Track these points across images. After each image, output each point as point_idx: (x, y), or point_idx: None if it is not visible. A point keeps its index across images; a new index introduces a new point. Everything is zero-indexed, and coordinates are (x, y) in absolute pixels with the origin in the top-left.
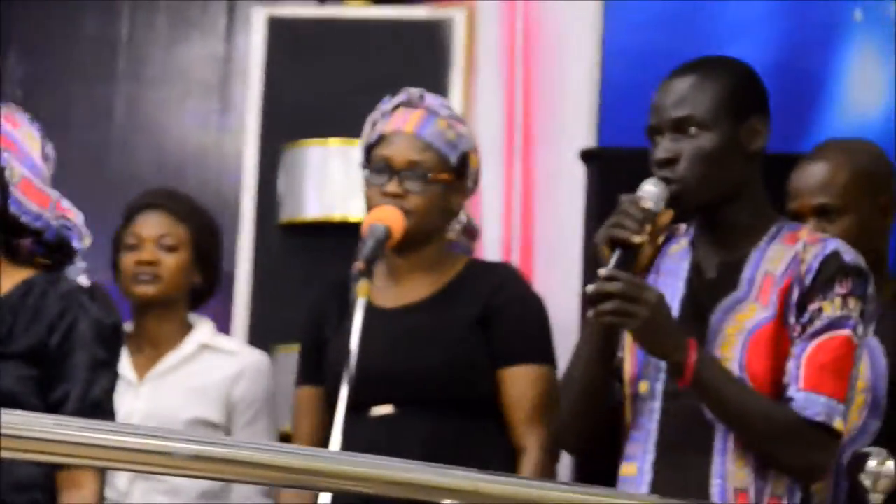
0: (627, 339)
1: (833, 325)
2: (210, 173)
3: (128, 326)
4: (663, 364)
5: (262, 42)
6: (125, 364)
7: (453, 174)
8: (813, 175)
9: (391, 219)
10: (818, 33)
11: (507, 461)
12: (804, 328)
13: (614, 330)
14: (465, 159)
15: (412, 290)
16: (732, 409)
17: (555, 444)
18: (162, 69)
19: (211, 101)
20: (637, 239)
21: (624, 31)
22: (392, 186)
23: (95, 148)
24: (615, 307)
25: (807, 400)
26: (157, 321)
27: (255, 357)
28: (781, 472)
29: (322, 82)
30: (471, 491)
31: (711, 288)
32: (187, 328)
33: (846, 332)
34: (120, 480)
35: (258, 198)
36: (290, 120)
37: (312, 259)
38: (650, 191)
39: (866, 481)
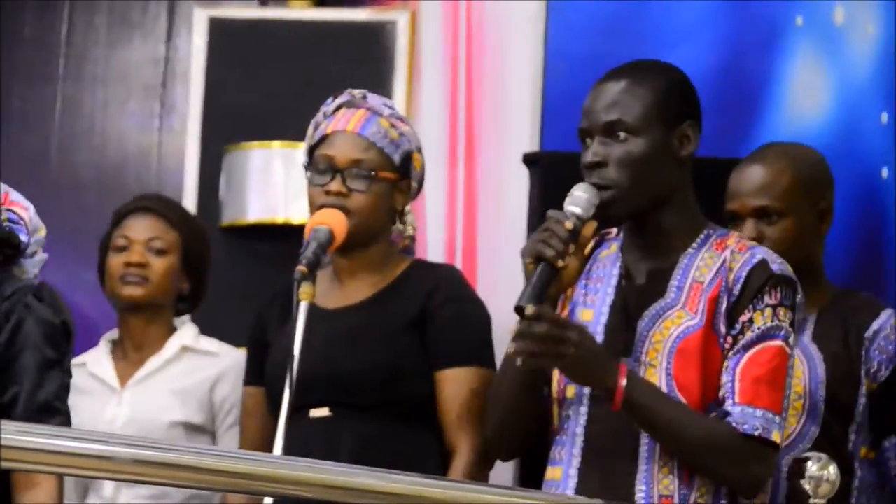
0: None
1: (765, 336)
2: (151, 175)
3: (114, 333)
4: None
5: (204, 44)
6: (108, 370)
7: (397, 173)
8: (753, 177)
9: (334, 221)
10: (760, 37)
11: (441, 465)
12: (736, 340)
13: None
14: (408, 159)
15: (354, 290)
16: (666, 428)
17: (486, 451)
18: (102, 70)
19: (152, 103)
20: (561, 263)
21: (567, 33)
22: (335, 185)
23: (35, 149)
24: (540, 350)
25: (743, 414)
26: (142, 325)
27: (236, 358)
28: (712, 482)
29: (264, 84)
30: (413, 495)
31: (640, 294)
32: (172, 333)
33: (778, 342)
34: (106, 487)
35: (200, 200)
36: (232, 122)
37: (254, 262)
38: (580, 197)
39: (807, 486)
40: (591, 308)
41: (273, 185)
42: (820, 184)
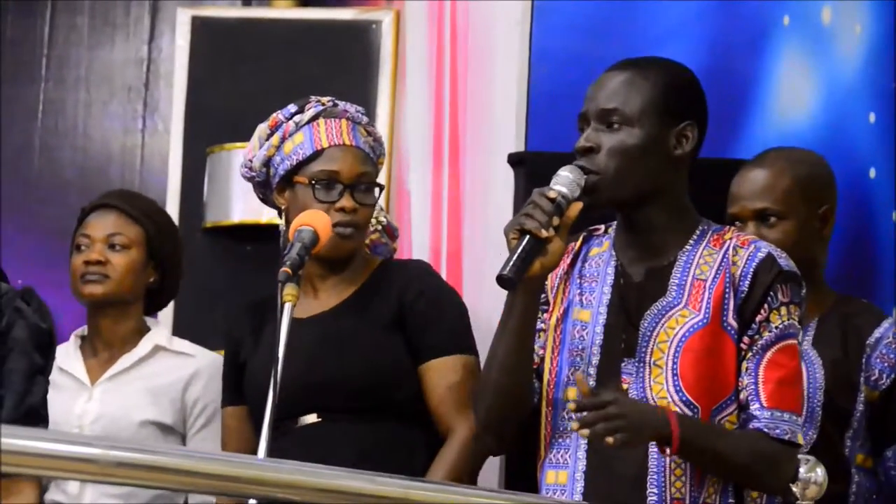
0: (549, 340)
1: (783, 335)
2: (134, 176)
3: (84, 329)
4: (592, 370)
5: (186, 44)
6: (78, 366)
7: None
8: (755, 180)
9: (318, 222)
10: (747, 37)
11: (431, 458)
12: (753, 340)
13: (530, 330)
14: (379, 163)
15: (329, 296)
16: (716, 460)
17: (476, 444)
18: (85, 71)
19: (135, 104)
20: (544, 233)
21: (553, 34)
22: (347, 202)
23: (18, 150)
24: (606, 430)
25: (773, 419)
26: (111, 322)
27: (211, 358)
28: (720, 481)
29: (248, 85)
30: (400, 498)
31: (640, 294)
32: (144, 330)
33: (793, 341)
34: (71, 484)
35: (183, 201)
36: (216, 123)
37: (237, 263)
38: (565, 176)
39: (795, 488)
40: (588, 308)
41: None
42: (821, 187)
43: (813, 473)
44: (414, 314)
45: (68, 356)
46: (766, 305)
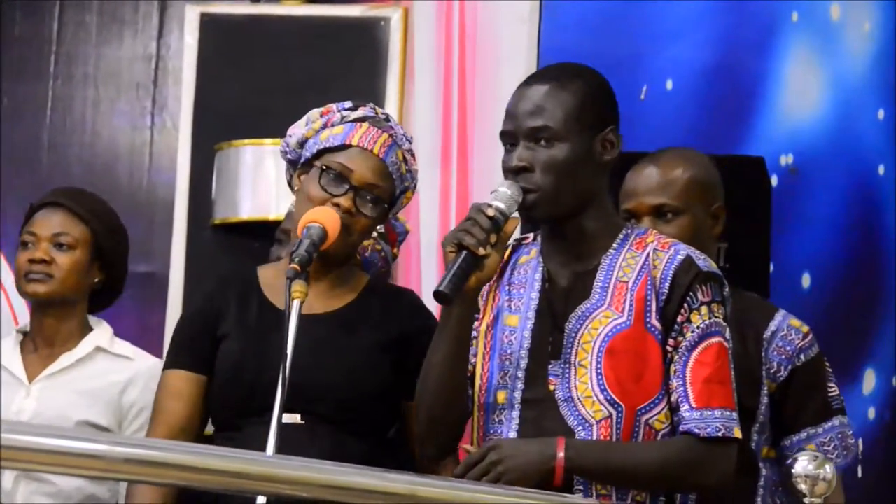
0: (479, 346)
1: (705, 334)
2: (142, 173)
3: (25, 326)
4: (521, 373)
5: (195, 41)
6: (16, 363)
7: (391, 206)
8: (651, 176)
9: (327, 219)
10: (755, 34)
11: None
12: (677, 343)
13: (465, 340)
14: (402, 195)
15: (320, 300)
16: (622, 474)
17: (418, 453)
18: (93, 69)
19: (143, 101)
20: (481, 251)
21: (560, 32)
22: (346, 202)
23: (26, 148)
24: (492, 479)
25: (702, 419)
26: (54, 321)
27: (150, 363)
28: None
29: (256, 82)
30: (407, 494)
31: (565, 297)
32: (86, 330)
33: (717, 339)
34: (5, 479)
35: (191, 198)
36: (224, 120)
37: (246, 259)
38: (503, 192)
39: (802, 486)
40: (517, 314)
41: (265, 182)
42: (714, 186)
43: (822, 470)
44: (417, 349)
45: (7, 352)
46: (685, 306)
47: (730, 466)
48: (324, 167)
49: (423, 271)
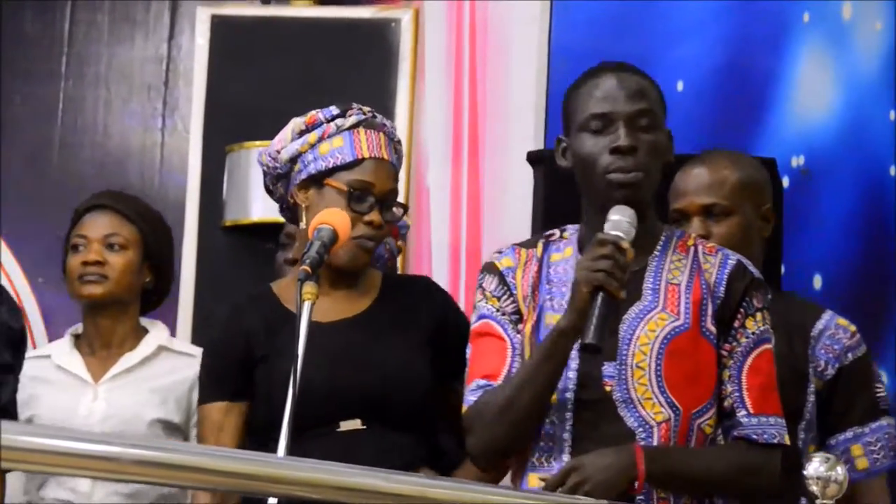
0: (527, 349)
1: (759, 340)
2: (153, 174)
3: (79, 328)
4: (572, 374)
5: (206, 42)
6: (78, 364)
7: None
8: (701, 176)
9: (337, 221)
10: (767, 34)
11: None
12: (732, 347)
13: (558, 378)
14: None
15: (342, 304)
16: (701, 480)
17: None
18: (104, 69)
19: (154, 102)
20: (623, 294)
21: (572, 31)
22: (376, 217)
23: (37, 148)
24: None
25: (760, 425)
26: (110, 322)
27: None
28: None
29: (267, 83)
30: (417, 496)
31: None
32: (141, 330)
33: (769, 345)
34: (81, 483)
35: (202, 199)
36: (235, 121)
37: (257, 260)
38: (622, 221)
39: (814, 487)
40: (561, 312)
41: None
42: (763, 188)
43: (833, 472)
44: (452, 336)
45: (65, 354)
46: (741, 311)
47: (777, 470)
48: (350, 189)
49: (435, 271)
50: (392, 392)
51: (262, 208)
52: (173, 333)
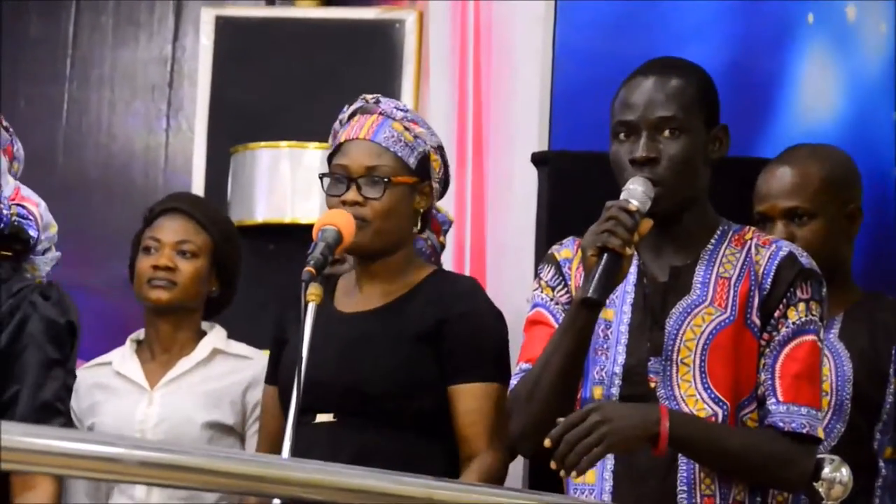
0: None
1: (799, 331)
2: (158, 175)
3: (140, 333)
4: (618, 369)
5: (210, 43)
6: (136, 370)
7: (415, 177)
8: (784, 178)
9: (342, 222)
10: (771, 35)
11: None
12: (771, 336)
13: (585, 350)
14: (426, 160)
15: (371, 296)
16: (728, 457)
17: (512, 451)
18: (109, 70)
19: (159, 103)
20: (629, 250)
21: (576, 32)
22: (351, 195)
23: (42, 149)
24: (580, 450)
25: (789, 412)
26: (170, 328)
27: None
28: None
29: (271, 84)
30: (424, 498)
31: (664, 292)
32: (201, 335)
33: (812, 337)
34: (138, 488)
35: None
36: (239, 122)
37: (262, 262)
38: (637, 190)
39: (820, 488)
40: (611, 307)
41: (280, 185)
42: (849, 185)
43: (838, 473)
44: (454, 333)
45: (125, 360)
46: (784, 301)
47: (809, 466)
48: (321, 177)
49: None
50: (366, 388)
51: (266, 209)
52: None
